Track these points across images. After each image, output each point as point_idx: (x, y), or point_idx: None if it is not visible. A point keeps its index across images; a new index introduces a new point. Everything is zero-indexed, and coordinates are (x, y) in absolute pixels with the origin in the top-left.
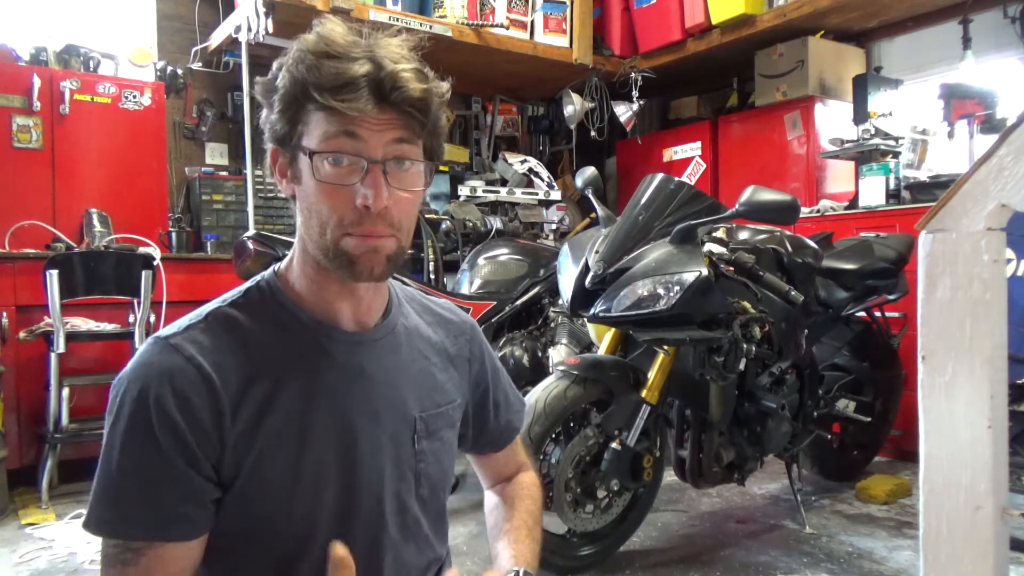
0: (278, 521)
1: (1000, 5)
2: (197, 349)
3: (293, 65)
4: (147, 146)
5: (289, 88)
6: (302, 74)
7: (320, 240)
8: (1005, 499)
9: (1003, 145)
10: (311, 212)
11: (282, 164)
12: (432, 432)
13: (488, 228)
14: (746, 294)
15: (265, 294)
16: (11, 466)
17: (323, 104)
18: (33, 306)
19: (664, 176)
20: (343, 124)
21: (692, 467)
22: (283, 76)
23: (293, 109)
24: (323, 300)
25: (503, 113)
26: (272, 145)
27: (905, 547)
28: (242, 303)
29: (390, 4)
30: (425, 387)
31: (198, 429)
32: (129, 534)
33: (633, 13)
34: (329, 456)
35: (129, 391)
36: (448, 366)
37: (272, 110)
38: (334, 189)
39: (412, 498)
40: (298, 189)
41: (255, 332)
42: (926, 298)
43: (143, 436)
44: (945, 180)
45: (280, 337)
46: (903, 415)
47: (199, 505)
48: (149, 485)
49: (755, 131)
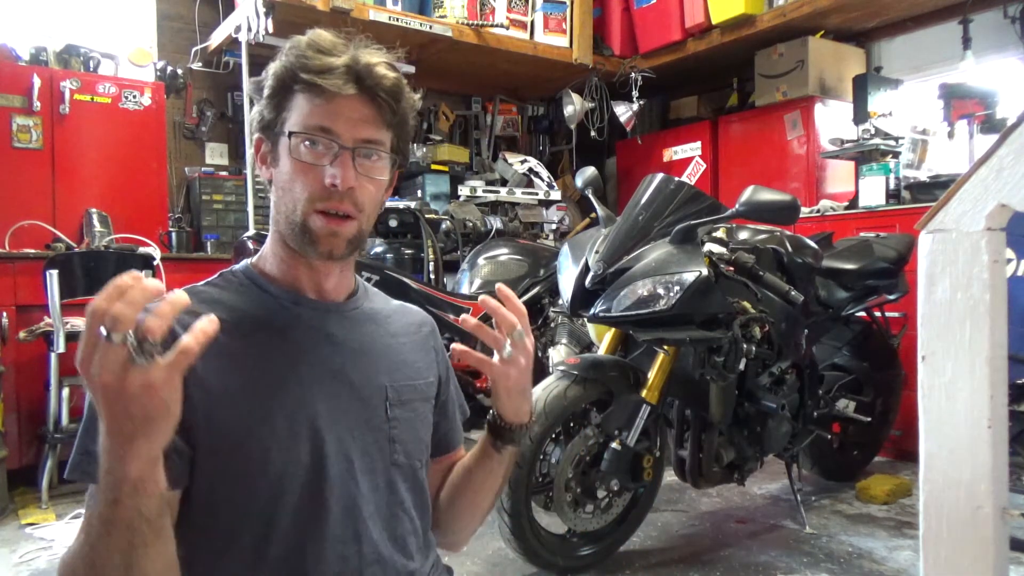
0: (253, 477)
1: (1000, 5)
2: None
3: (283, 54)
4: (147, 146)
5: (278, 73)
6: (290, 60)
7: (291, 216)
8: (1005, 499)
9: (1003, 145)
10: (284, 191)
11: (264, 152)
12: (405, 402)
13: (488, 228)
14: (746, 294)
15: (237, 275)
16: (11, 466)
17: (307, 83)
18: (33, 306)
19: (664, 176)
20: (321, 116)
21: (692, 467)
22: (273, 65)
23: (280, 95)
24: (293, 276)
25: (503, 113)
26: (258, 134)
27: (905, 547)
28: (215, 282)
29: (390, 4)
30: (394, 361)
31: None
32: (85, 472)
33: (633, 13)
34: (299, 414)
35: None
36: (416, 349)
37: (260, 97)
38: (307, 167)
39: (388, 463)
40: (275, 172)
41: (226, 301)
42: (926, 298)
43: None
44: (945, 180)
45: (250, 304)
46: (903, 415)
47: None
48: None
49: (755, 131)
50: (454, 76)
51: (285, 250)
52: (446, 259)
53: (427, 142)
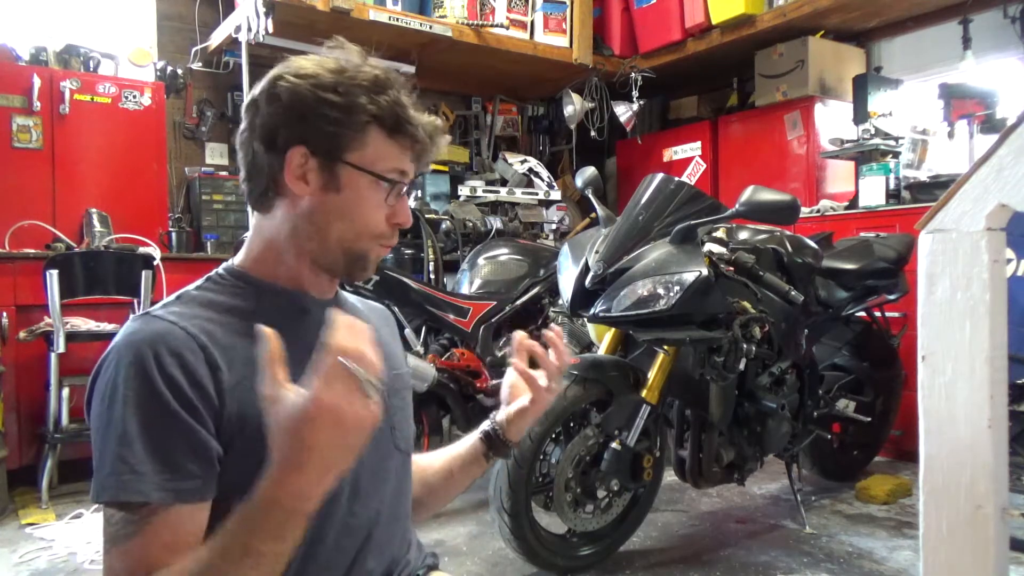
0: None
1: (1000, 5)
2: (179, 317)
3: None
4: (147, 146)
5: (358, 105)
6: (386, 104)
7: (346, 244)
8: (1005, 499)
9: (1003, 145)
10: (340, 219)
11: (308, 169)
12: (396, 391)
13: (488, 228)
14: (746, 294)
15: (228, 278)
16: (11, 466)
17: (399, 129)
18: (33, 306)
19: (664, 176)
20: (401, 160)
21: (692, 467)
22: (355, 92)
23: (356, 126)
24: (295, 276)
25: (503, 113)
26: (302, 148)
27: (905, 547)
28: (208, 286)
29: (390, 4)
30: (383, 352)
31: (197, 384)
32: (138, 491)
33: (633, 13)
34: None
35: (123, 360)
36: (393, 340)
37: (322, 113)
38: (380, 207)
39: (391, 450)
40: (326, 197)
41: (231, 303)
42: (926, 298)
43: (148, 397)
44: (945, 180)
45: (257, 303)
46: (903, 415)
47: (206, 463)
48: (157, 442)
49: (755, 131)
50: (454, 76)
51: (294, 260)
52: (446, 259)
53: None
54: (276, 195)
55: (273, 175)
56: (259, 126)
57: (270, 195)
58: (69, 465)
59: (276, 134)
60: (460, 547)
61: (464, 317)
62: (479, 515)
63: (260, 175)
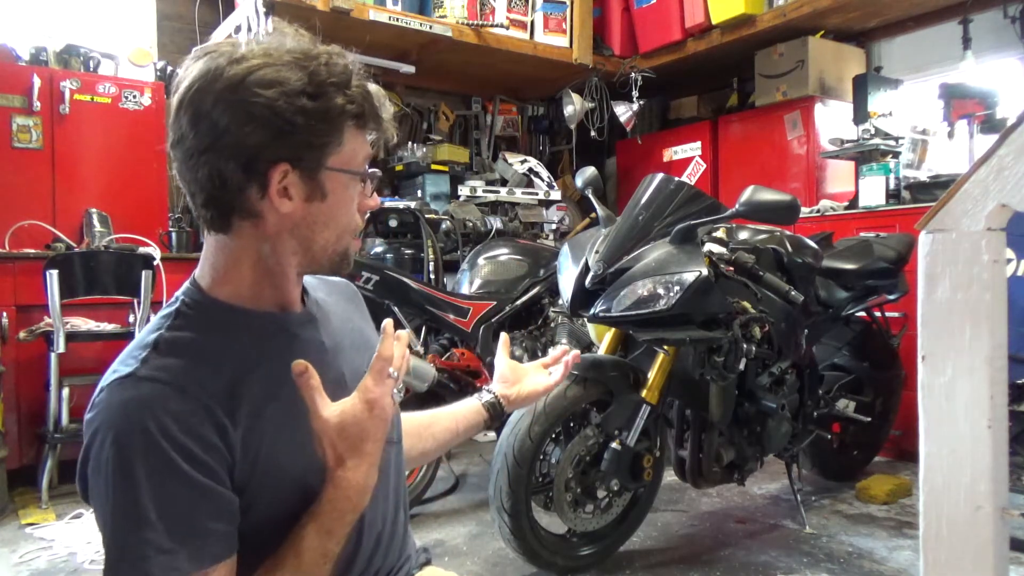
0: (296, 504)
1: (1000, 5)
2: (168, 374)
3: (344, 85)
4: (147, 146)
5: (335, 109)
6: (359, 97)
7: (331, 247)
8: (1005, 499)
9: (1003, 145)
10: (324, 225)
11: (290, 182)
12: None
13: (488, 228)
14: (746, 294)
15: (198, 309)
16: (11, 466)
17: (367, 123)
18: (33, 306)
19: (664, 176)
20: (365, 144)
21: (692, 467)
22: (328, 91)
23: (335, 130)
24: (267, 296)
25: (503, 113)
26: (284, 166)
27: (905, 547)
28: (179, 324)
29: (390, 4)
30: (364, 346)
31: (208, 445)
32: (174, 569)
33: (633, 13)
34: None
35: (123, 432)
36: (362, 319)
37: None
38: (354, 201)
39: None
40: (311, 207)
41: (210, 341)
42: (926, 298)
43: (162, 470)
44: (945, 180)
45: (236, 335)
46: (903, 415)
47: (230, 516)
48: (181, 515)
49: (755, 131)
50: (454, 76)
51: (272, 272)
52: (446, 259)
53: (427, 142)
54: (244, 214)
55: (245, 195)
56: (230, 146)
57: (237, 215)
58: (69, 465)
59: (256, 155)
60: (460, 547)
61: (464, 317)
62: (479, 515)
63: (228, 196)
